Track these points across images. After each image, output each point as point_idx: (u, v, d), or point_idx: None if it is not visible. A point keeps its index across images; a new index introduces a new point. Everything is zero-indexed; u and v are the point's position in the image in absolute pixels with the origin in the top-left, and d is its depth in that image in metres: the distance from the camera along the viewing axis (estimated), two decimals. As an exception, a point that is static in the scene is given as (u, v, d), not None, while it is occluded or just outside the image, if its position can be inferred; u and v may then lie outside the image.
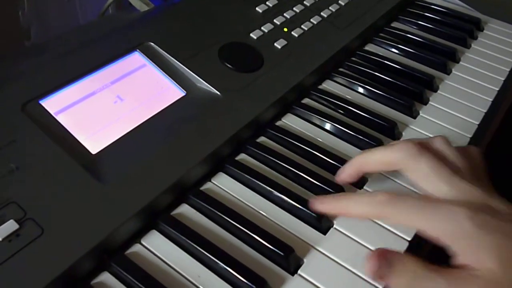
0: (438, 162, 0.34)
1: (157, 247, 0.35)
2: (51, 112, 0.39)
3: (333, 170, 0.42)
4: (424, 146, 0.35)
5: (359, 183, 0.41)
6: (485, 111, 0.51)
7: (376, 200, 0.32)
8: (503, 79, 0.56)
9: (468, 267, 0.29)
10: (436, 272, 0.29)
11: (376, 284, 0.34)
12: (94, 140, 0.38)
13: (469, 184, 0.33)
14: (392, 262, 0.30)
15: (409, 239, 0.37)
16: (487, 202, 0.31)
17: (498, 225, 0.30)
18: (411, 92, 0.52)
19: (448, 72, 0.57)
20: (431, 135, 0.47)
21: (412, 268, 0.30)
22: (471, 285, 0.28)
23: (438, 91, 0.54)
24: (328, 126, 0.47)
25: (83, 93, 0.41)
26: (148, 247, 0.35)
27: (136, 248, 0.35)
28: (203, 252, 0.34)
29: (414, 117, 0.50)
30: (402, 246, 0.37)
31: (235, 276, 0.33)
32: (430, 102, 0.52)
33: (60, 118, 0.39)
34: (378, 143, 0.44)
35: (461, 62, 0.58)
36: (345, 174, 0.40)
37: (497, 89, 0.54)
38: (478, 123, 0.50)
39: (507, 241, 0.29)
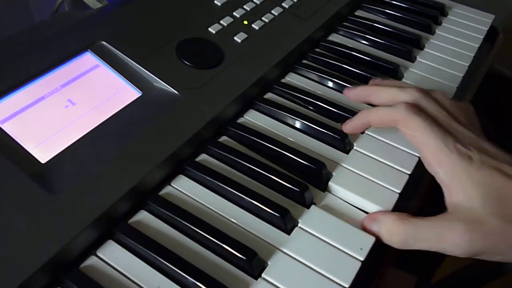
0: (432, 121, 0.36)
1: (114, 258, 0.34)
2: (-4, 121, 0.37)
3: (298, 167, 0.41)
4: (419, 107, 0.38)
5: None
6: (450, 97, 0.51)
7: (397, 108, 0.38)
8: (467, 64, 0.55)
9: (454, 202, 0.34)
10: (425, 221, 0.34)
11: (342, 283, 0.33)
12: (44, 148, 0.36)
13: (465, 129, 0.36)
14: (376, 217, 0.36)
15: (372, 240, 0.36)
16: (481, 145, 0.35)
17: (487, 160, 0.33)
18: (376, 82, 0.51)
19: (412, 59, 0.56)
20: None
21: (397, 217, 0.35)
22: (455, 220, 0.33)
23: (403, 79, 0.53)
24: (292, 121, 0.45)
25: (31, 98, 0.39)
26: (105, 258, 0.34)
27: (91, 260, 0.33)
28: (162, 262, 0.33)
29: (380, 108, 0.49)
30: (368, 244, 0.36)
31: (197, 285, 0.32)
32: (395, 91, 0.51)
33: (6, 127, 0.37)
34: (343, 137, 0.43)
35: (425, 49, 0.58)
36: (352, 124, 0.43)
37: (462, 75, 0.54)
38: (443, 110, 0.49)
39: (494, 178, 0.32)
